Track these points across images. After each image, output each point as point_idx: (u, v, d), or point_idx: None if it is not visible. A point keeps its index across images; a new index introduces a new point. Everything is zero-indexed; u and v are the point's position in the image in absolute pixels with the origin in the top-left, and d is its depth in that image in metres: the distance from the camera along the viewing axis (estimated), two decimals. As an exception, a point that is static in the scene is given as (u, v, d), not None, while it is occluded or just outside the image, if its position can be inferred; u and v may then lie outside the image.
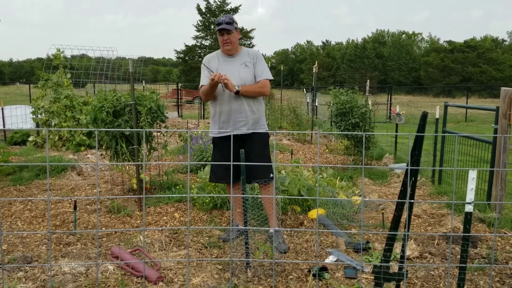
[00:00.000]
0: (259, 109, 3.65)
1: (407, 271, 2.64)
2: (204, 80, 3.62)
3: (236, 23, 3.63)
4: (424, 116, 2.37)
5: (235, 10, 37.78)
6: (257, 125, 3.63)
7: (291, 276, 3.09)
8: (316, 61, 13.32)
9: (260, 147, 3.62)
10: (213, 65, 3.62)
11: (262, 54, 3.84)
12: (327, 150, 8.84)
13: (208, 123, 12.96)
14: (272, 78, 3.66)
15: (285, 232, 3.96)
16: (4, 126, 9.54)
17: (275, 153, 2.11)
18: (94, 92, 13.42)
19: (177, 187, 5.30)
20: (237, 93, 3.46)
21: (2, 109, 9.60)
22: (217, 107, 3.64)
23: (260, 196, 3.87)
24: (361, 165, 6.75)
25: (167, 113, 5.25)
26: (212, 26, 37.43)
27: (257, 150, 3.59)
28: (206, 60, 3.71)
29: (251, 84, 3.58)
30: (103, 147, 5.16)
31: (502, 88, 4.33)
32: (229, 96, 3.53)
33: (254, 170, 3.54)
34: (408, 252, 3.42)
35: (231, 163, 1.93)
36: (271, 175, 3.60)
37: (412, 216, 4.19)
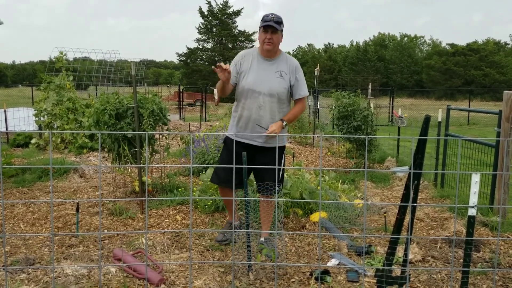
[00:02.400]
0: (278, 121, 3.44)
1: (409, 274, 2.64)
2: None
3: (283, 26, 3.38)
4: (427, 119, 2.37)
5: (237, 13, 37.85)
6: (275, 138, 3.39)
7: (293, 279, 3.09)
8: (318, 64, 13.32)
9: (273, 161, 3.38)
10: (245, 65, 3.40)
11: None
12: (329, 153, 8.84)
13: (210, 125, 12.97)
14: (308, 94, 3.51)
15: (287, 235, 3.96)
16: (6, 129, 9.56)
17: (277, 155, 2.09)
18: (96, 95, 13.46)
19: (179, 189, 5.30)
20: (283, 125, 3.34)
21: (5, 111, 9.63)
22: (238, 110, 3.46)
23: (261, 199, 3.86)
24: (363, 168, 6.74)
25: (169, 115, 5.25)
26: (214, 29, 37.48)
27: (270, 162, 3.39)
28: (239, 56, 3.47)
29: (280, 95, 3.39)
30: (106, 150, 5.17)
31: (505, 91, 4.33)
32: (253, 103, 3.35)
33: (264, 181, 3.45)
34: (410, 256, 3.41)
35: (233, 165, 1.93)
36: (279, 188, 3.53)
37: (415, 220, 4.18)
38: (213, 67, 3.23)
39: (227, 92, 3.39)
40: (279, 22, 3.30)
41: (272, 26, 3.27)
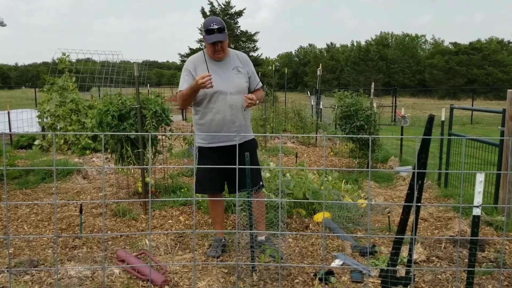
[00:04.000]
0: (248, 116, 3.55)
1: (414, 275, 2.62)
2: (184, 84, 3.38)
3: (226, 28, 3.35)
4: (431, 119, 2.36)
5: (239, 13, 37.86)
6: (247, 133, 3.51)
7: (297, 280, 3.08)
8: (320, 64, 13.31)
9: (251, 155, 3.38)
10: (200, 70, 3.37)
11: (266, 57, 3.77)
12: (332, 153, 8.82)
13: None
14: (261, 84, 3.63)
15: (290, 235, 3.95)
16: (10, 130, 9.60)
17: (280, 156, 2.09)
18: (99, 96, 13.49)
19: (182, 190, 5.30)
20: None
21: (8, 113, 9.66)
22: (207, 115, 3.39)
23: (265, 200, 3.86)
24: (367, 168, 6.73)
25: (171, 116, 5.26)
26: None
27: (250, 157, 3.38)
28: (191, 64, 3.44)
29: (244, 90, 3.43)
30: (109, 151, 5.17)
31: (509, 90, 4.30)
32: (223, 104, 3.34)
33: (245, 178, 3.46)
34: (415, 256, 3.40)
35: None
36: (261, 182, 3.54)
37: (419, 220, 4.17)
38: (197, 79, 3.19)
39: (192, 102, 3.43)
40: (223, 29, 3.29)
41: (219, 41, 3.29)
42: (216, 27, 3.26)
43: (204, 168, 3.51)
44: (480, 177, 2.19)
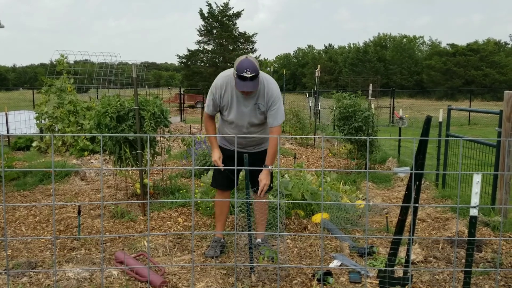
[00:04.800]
0: (266, 131, 3.55)
1: (412, 275, 2.63)
2: (210, 107, 3.41)
3: (259, 70, 3.16)
4: (428, 120, 2.38)
5: (238, 15, 37.87)
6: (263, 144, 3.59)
7: (295, 281, 3.09)
8: (319, 65, 13.33)
9: (263, 160, 3.45)
10: (225, 99, 3.33)
11: (264, 58, 3.70)
12: (330, 154, 8.84)
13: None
14: (281, 121, 3.39)
15: (289, 236, 3.95)
16: (8, 132, 9.58)
17: (279, 157, 2.12)
18: (97, 97, 13.47)
19: (180, 191, 5.30)
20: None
21: (6, 114, 9.64)
22: (231, 132, 3.48)
23: (264, 201, 3.86)
24: (365, 169, 6.74)
25: (170, 117, 5.26)
26: (215, 31, 37.52)
27: (262, 161, 3.45)
28: (218, 89, 3.33)
29: (260, 120, 3.41)
30: (107, 152, 5.17)
31: (506, 91, 4.33)
32: (238, 132, 3.41)
33: (257, 178, 3.46)
34: (412, 256, 3.41)
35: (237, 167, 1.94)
36: (271, 185, 3.56)
37: (416, 220, 4.18)
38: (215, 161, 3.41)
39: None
40: (256, 75, 3.11)
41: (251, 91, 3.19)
42: (250, 75, 3.06)
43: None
44: (477, 178, 2.20)
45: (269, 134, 3.46)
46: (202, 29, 37.89)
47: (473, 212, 2.27)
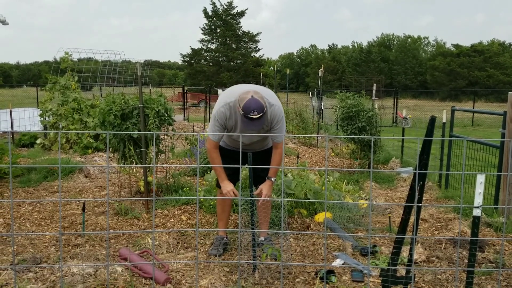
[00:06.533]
0: (269, 143, 3.60)
1: (414, 274, 2.65)
2: (216, 136, 3.34)
3: (265, 109, 3.10)
4: (432, 120, 2.39)
5: (241, 14, 37.85)
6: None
7: (298, 279, 3.10)
8: (322, 65, 13.33)
9: (269, 158, 3.52)
10: (230, 123, 3.30)
11: (268, 58, 3.68)
12: (333, 154, 8.85)
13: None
14: (283, 139, 3.34)
15: (292, 235, 3.97)
16: (12, 129, 9.64)
17: (283, 156, 2.13)
18: (101, 95, 13.51)
19: (184, 189, 5.32)
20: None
21: (10, 111, 9.70)
22: (235, 142, 3.55)
23: (268, 199, 3.87)
24: (368, 169, 6.75)
25: (173, 116, 5.28)
26: (218, 30, 37.52)
27: (267, 157, 3.54)
28: (222, 117, 3.25)
29: (262, 138, 3.49)
30: (111, 150, 5.20)
31: (510, 92, 4.33)
32: (250, 141, 3.47)
33: (262, 173, 3.51)
34: (415, 256, 3.42)
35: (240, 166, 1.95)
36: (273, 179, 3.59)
37: (419, 220, 4.19)
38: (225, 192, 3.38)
39: None
40: (263, 115, 3.05)
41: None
42: (256, 116, 3.02)
43: (225, 163, 3.55)
44: (480, 179, 2.21)
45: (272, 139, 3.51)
46: (206, 27, 37.91)
47: (476, 212, 2.28)
